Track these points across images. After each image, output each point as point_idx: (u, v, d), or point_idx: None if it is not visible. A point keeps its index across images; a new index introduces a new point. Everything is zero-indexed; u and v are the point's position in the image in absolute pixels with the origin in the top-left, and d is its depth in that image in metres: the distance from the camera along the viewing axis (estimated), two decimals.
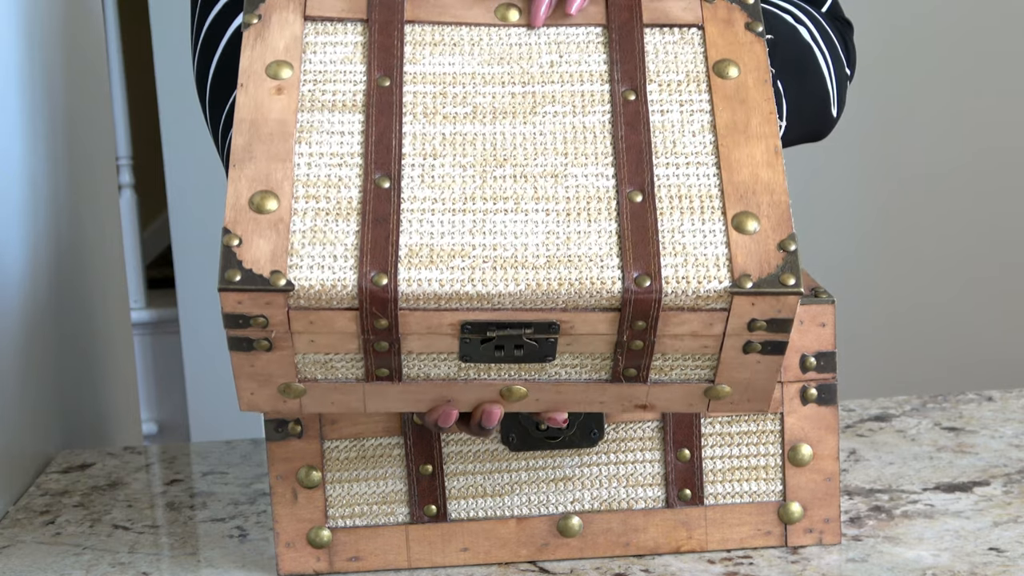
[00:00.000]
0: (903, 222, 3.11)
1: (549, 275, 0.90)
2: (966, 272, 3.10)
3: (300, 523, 1.08)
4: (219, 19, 1.24)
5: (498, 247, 0.90)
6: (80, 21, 1.75)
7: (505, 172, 0.93)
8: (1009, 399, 1.42)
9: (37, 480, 1.35)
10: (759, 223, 0.91)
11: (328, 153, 0.94)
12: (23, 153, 1.46)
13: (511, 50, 0.99)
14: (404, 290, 0.89)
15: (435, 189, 0.92)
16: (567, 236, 0.91)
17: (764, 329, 0.90)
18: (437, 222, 0.91)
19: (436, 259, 0.90)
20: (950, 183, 3.08)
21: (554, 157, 0.94)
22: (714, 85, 0.97)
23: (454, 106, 0.96)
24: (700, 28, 1.00)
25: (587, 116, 0.96)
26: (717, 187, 0.93)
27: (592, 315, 0.90)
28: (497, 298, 0.89)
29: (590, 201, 0.92)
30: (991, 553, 1.06)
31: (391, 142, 0.94)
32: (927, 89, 3.06)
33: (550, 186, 0.93)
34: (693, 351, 0.92)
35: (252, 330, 0.90)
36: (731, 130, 0.95)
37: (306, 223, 0.91)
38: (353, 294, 0.89)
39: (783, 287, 0.89)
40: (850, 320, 2.92)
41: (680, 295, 0.89)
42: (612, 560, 1.08)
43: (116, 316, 1.84)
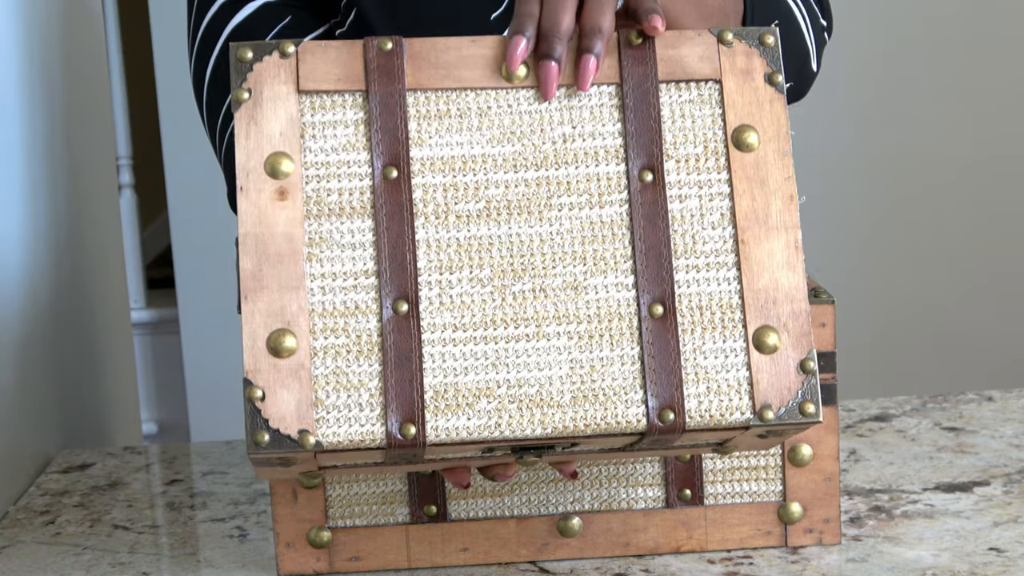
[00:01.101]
0: (903, 222, 3.11)
1: (575, 415, 0.90)
2: (966, 272, 3.10)
3: (300, 523, 1.08)
4: (216, 20, 1.24)
5: (523, 383, 0.90)
6: (80, 21, 1.75)
7: (524, 287, 0.91)
8: (1009, 399, 1.42)
9: (37, 480, 1.35)
10: (779, 339, 0.91)
11: (341, 273, 0.90)
12: (23, 153, 1.46)
13: (521, 120, 0.93)
14: (432, 439, 0.89)
15: (454, 313, 0.90)
16: (591, 365, 0.90)
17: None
18: (459, 355, 0.90)
19: (462, 402, 0.89)
20: (950, 183, 3.08)
21: (572, 265, 0.92)
22: (733, 160, 0.94)
23: (466, 202, 0.92)
24: (718, 83, 0.95)
25: (604, 208, 0.93)
26: (738, 295, 0.92)
27: (615, 439, 0.92)
28: (523, 438, 0.90)
29: (611, 320, 0.91)
30: (991, 553, 1.06)
31: (405, 256, 0.91)
32: (928, 89, 3.06)
33: (570, 302, 0.91)
34: (706, 441, 0.95)
35: (278, 465, 0.91)
36: (751, 220, 0.93)
37: (327, 365, 0.89)
38: (381, 444, 0.89)
39: (803, 417, 0.90)
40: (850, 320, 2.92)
41: (702, 425, 0.91)
42: (612, 560, 1.08)
43: (116, 316, 1.84)
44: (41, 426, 1.43)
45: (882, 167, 3.08)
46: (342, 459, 0.92)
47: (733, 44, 0.95)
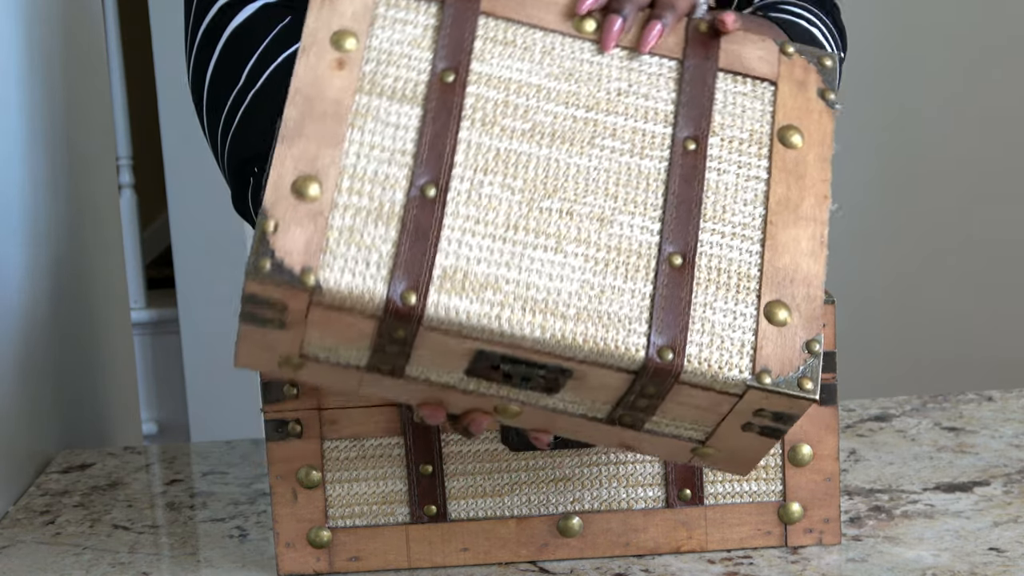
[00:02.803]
0: (903, 222, 3.11)
1: (576, 329, 0.89)
2: (966, 272, 3.10)
3: (300, 523, 1.08)
4: (215, 22, 1.24)
5: (531, 287, 0.89)
6: (80, 21, 1.75)
7: (552, 205, 0.92)
8: (1009, 399, 1.42)
9: (37, 480, 1.35)
10: (790, 316, 0.91)
11: (379, 146, 0.91)
12: (23, 153, 1.46)
13: (581, 67, 0.95)
14: (431, 313, 0.88)
15: (480, 209, 0.91)
16: (601, 289, 0.90)
17: (769, 419, 0.91)
18: (476, 246, 0.89)
19: (468, 287, 0.88)
20: (950, 183, 3.08)
21: (603, 199, 0.92)
22: (775, 152, 0.95)
23: (514, 119, 0.93)
24: (773, 84, 0.97)
25: (644, 159, 0.94)
26: (757, 267, 0.92)
27: (608, 372, 0.90)
28: (519, 340, 0.89)
29: (630, 256, 0.91)
30: (991, 553, 1.06)
31: (444, 147, 0.92)
32: (927, 89, 3.06)
33: (594, 230, 0.91)
34: (693, 419, 0.93)
35: (268, 311, 0.89)
36: (783, 207, 0.94)
37: (345, 220, 0.89)
38: (379, 306, 0.87)
39: (800, 391, 0.89)
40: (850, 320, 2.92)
41: (698, 375, 0.89)
42: (612, 560, 1.08)
43: (116, 316, 1.84)
44: (41, 426, 1.43)
45: (882, 167, 3.08)
46: (332, 322, 0.88)
47: (793, 56, 0.98)
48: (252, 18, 1.23)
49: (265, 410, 1.07)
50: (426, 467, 1.08)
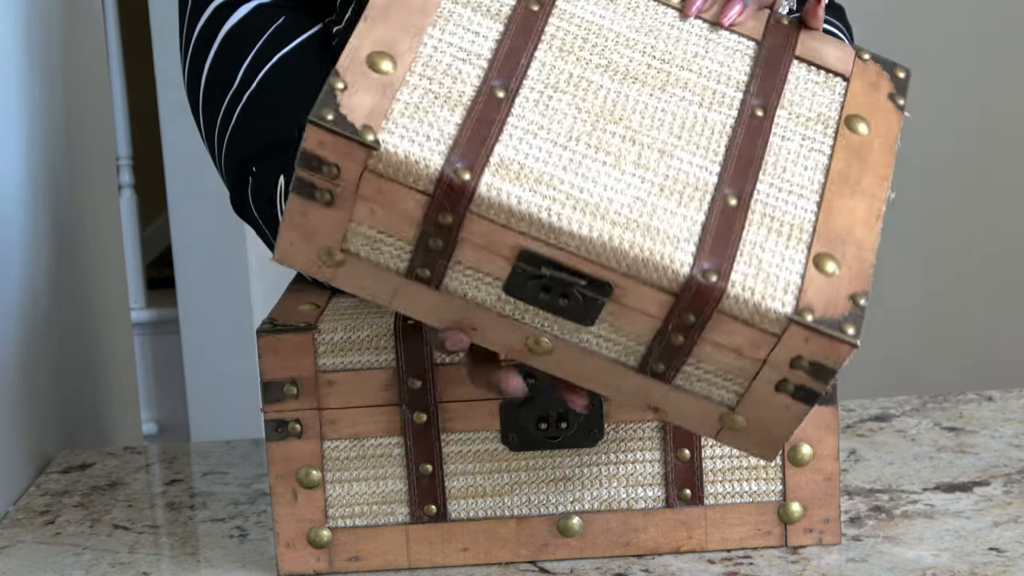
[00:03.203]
0: (903, 221, 3.11)
1: (624, 235, 0.89)
2: (966, 272, 3.10)
3: (300, 523, 1.08)
4: (210, 23, 1.24)
5: (585, 191, 0.90)
6: (80, 21, 1.75)
7: (617, 130, 0.93)
8: (1009, 399, 1.42)
9: (37, 480, 1.35)
10: (839, 268, 0.90)
11: (457, 46, 0.93)
12: (23, 153, 1.46)
13: (661, 27, 0.99)
14: (482, 192, 0.88)
15: (546, 118, 0.92)
16: (654, 208, 0.90)
17: (805, 371, 0.90)
18: (536, 147, 0.91)
19: (523, 178, 0.89)
20: (950, 182, 3.08)
21: (667, 135, 0.94)
22: (841, 133, 0.97)
23: (591, 53, 0.96)
24: (846, 80, 1.00)
25: (711, 112, 0.96)
26: (811, 223, 0.92)
27: (648, 291, 0.89)
28: (566, 237, 0.88)
29: (686, 187, 0.92)
30: (991, 553, 1.06)
31: (519, 60, 0.94)
32: (926, 88, 3.06)
33: (654, 159, 0.92)
34: (728, 369, 0.92)
35: (321, 177, 0.89)
36: (843, 179, 0.95)
37: (413, 98, 0.90)
38: (432, 177, 0.88)
39: (841, 334, 0.88)
40: None
41: (740, 302, 0.88)
42: (612, 560, 1.08)
43: (116, 316, 1.84)
44: (41, 426, 1.43)
45: None
46: (383, 195, 0.89)
47: (868, 62, 1.02)
48: (247, 19, 1.23)
49: (265, 410, 1.07)
50: (426, 467, 1.08)
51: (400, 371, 1.07)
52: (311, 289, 1.19)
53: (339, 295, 1.17)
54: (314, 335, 1.07)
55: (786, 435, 0.94)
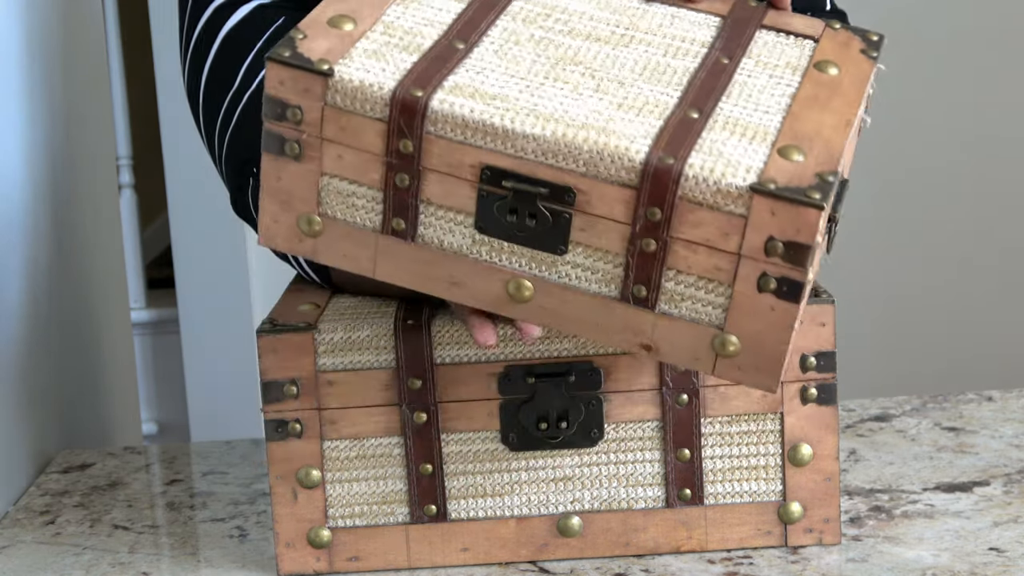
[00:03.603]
0: (903, 221, 3.11)
1: (579, 133, 0.90)
2: (966, 272, 3.10)
3: (300, 523, 1.08)
4: (210, 23, 1.24)
5: (540, 105, 0.91)
6: (80, 21, 1.75)
7: (576, 69, 0.95)
8: (1009, 399, 1.42)
9: (37, 480, 1.35)
10: (805, 157, 0.90)
11: (420, 16, 0.97)
12: (23, 153, 1.46)
13: (627, 8, 1.01)
14: (435, 106, 0.90)
15: (504, 61, 0.94)
16: (611, 116, 0.91)
17: (781, 256, 0.88)
18: (493, 77, 0.93)
19: (478, 96, 0.91)
20: (950, 182, 3.08)
21: (628, 73, 0.95)
22: (810, 74, 0.98)
23: (554, 22, 0.98)
24: (816, 40, 1.01)
25: (675, 60, 0.97)
26: (776, 129, 0.92)
27: (609, 189, 0.89)
28: (522, 140, 0.89)
29: (645, 105, 0.93)
30: (991, 553, 1.06)
31: (481, 25, 0.97)
32: (925, 87, 3.06)
33: (614, 88, 0.94)
34: (706, 272, 0.90)
35: (286, 126, 0.92)
36: (811, 101, 0.95)
37: (371, 46, 0.94)
38: (386, 99, 0.90)
39: (807, 198, 0.87)
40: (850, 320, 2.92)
41: (700, 183, 0.88)
42: (612, 560, 1.08)
43: (116, 316, 1.84)
44: (41, 426, 1.43)
45: (882, 166, 3.08)
46: (345, 132, 0.92)
47: (839, 29, 1.03)
48: (247, 19, 1.23)
49: (265, 410, 1.07)
50: (426, 467, 1.08)
51: (400, 371, 1.07)
52: (311, 289, 1.19)
53: (339, 295, 1.17)
54: (314, 335, 1.07)
55: (781, 351, 0.91)
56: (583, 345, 1.06)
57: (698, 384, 1.07)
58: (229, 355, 2.93)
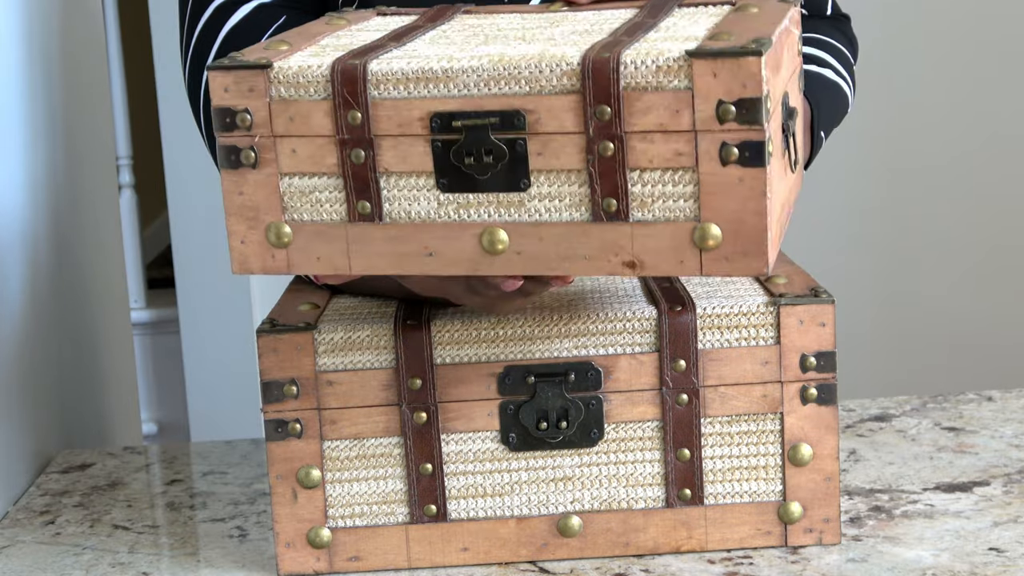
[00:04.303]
0: (903, 221, 3.11)
1: (515, 53, 0.93)
2: (966, 271, 3.10)
3: (300, 523, 1.08)
4: (211, 23, 1.24)
5: (475, 51, 0.94)
6: (80, 21, 1.75)
7: (510, 36, 0.99)
8: (1009, 399, 1.42)
9: (37, 480, 1.35)
10: (735, 37, 0.92)
11: (350, 39, 1.01)
12: (23, 153, 1.46)
13: (555, 15, 1.07)
14: (374, 68, 0.93)
15: (436, 46, 0.97)
16: (543, 47, 0.94)
17: (735, 120, 0.89)
18: (427, 50, 0.96)
19: (411, 58, 0.94)
20: (950, 182, 3.08)
21: (560, 33, 0.99)
22: (731, 14, 1.00)
23: (482, 27, 1.03)
24: (733, 5, 1.05)
25: (602, 26, 1.00)
26: (707, 30, 0.95)
27: (555, 100, 0.91)
28: (462, 76, 0.92)
29: (577, 43, 0.95)
30: (991, 553, 1.06)
31: (412, 32, 1.01)
32: (925, 86, 3.06)
33: (544, 41, 0.97)
34: (668, 162, 0.91)
35: (238, 134, 0.94)
36: (734, 21, 0.97)
37: (306, 52, 0.97)
38: (326, 75, 0.93)
39: (744, 50, 0.88)
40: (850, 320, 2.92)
41: (640, 67, 0.90)
42: (612, 560, 1.08)
43: (116, 316, 1.84)
44: (41, 426, 1.43)
45: (882, 166, 3.08)
46: (295, 122, 0.94)
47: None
48: (248, 18, 1.23)
49: (265, 410, 1.07)
50: (426, 467, 1.08)
51: (400, 371, 1.07)
52: (311, 289, 1.19)
53: (339, 295, 1.17)
54: (314, 335, 1.07)
55: (761, 224, 0.90)
56: (583, 345, 1.07)
57: (698, 384, 1.07)
58: (229, 355, 2.93)
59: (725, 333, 1.06)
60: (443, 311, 1.08)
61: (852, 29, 1.35)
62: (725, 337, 1.06)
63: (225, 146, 0.95)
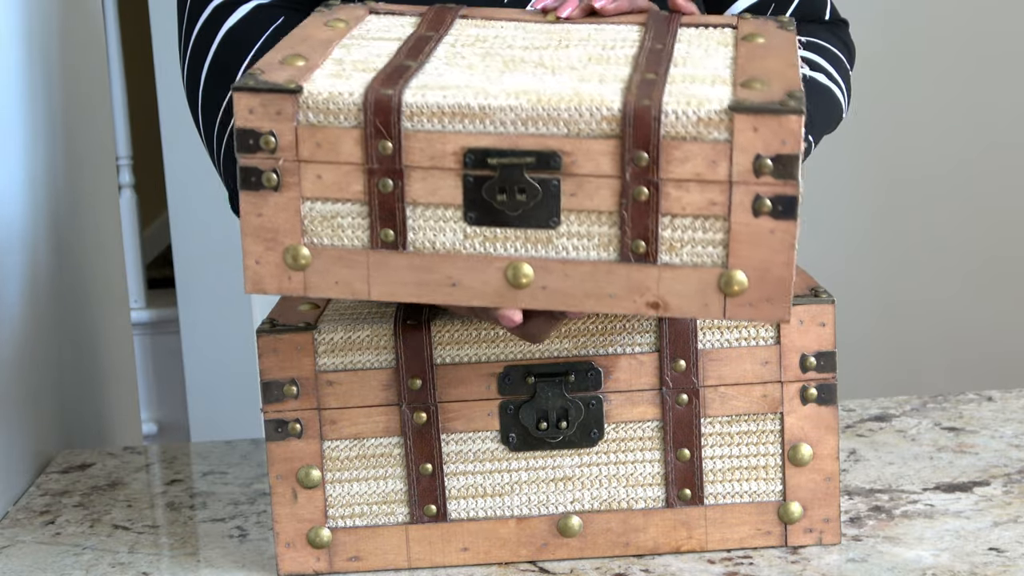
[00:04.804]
0: (903, 221, 3.11)
1: (554, 93, 0.91)
2: (966, 271, 3.10)
3: (300, 523, 1.08)
4: (209, 23, 1.24)
5: (508, 84, 0.93)
6: (80, 21, 1.75)
7: (528, 65, 0.97)
8: (1009, 399, 1.42)
9: (37, 480, 1.35)
10: (767, 86, 0.92)
11: (365, 52, 0.99)
12: (23, 153, 1.46)
13: (552, 28, 1.05)
14: (408, 100, 0.91)
15: (457, 68, 0.96)
16: (577, 85, 0.93)
17: (771, 174, 0.90)
18: (454, 76, 0.94)
19: (445, 87, 0.92)
20: (950, 182, 3.08)
21: (577, 61, 0.98)
22: (740, 44, 1.00)
23: (491, 43, 1.01)
24: (734, 28, 1.05)
25: (614, 51, 0.99)
26: (731, 74, 0.95)
27: (593, 144, 0.91)
28: (499, 113, 0.91)
29: (604, 77, 0.94)
30: (991, 553, 1.06)
31: (425, 47, 0.99)
32: (925, 87, 3.06)
33: (569, 71, 0.96)
34: (701, 210, 0.91)
35: (261, 155, 0.92)
36: (751, 57, 0.98)
37: (329, 72, 0.95)
38: (358, 103, 0.91)
39: (785, 107, 0.89)
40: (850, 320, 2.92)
41: (681, 117, 0.90)
42: (612, 560, 1.08)
43: (116, 316, 1.84)
44: (41, 426, 1.43)
45: (882, 167, 3.08)
46: (321, 148, 0.93)
47: (750, 18, 1.07)
48: (246, 18, 1.23)
49: (265, 410, 1.07)
50: (426, 467, 1.08)
51: (400, 371, 1.07)
52: None
53: None
54: (314, 335, 1.07)
55: (787, 274, 0.92)
56: (583, 345, 1.07)
57: (698, 384, 1.07)
58: (229, 355, 2.93)
59: (725, 333, 1.06)
60: (443, 311, 1.08)
61: (850, 35, 1.35)
62: (725, 337, 1.06)
63: (246, 167, 0.93)
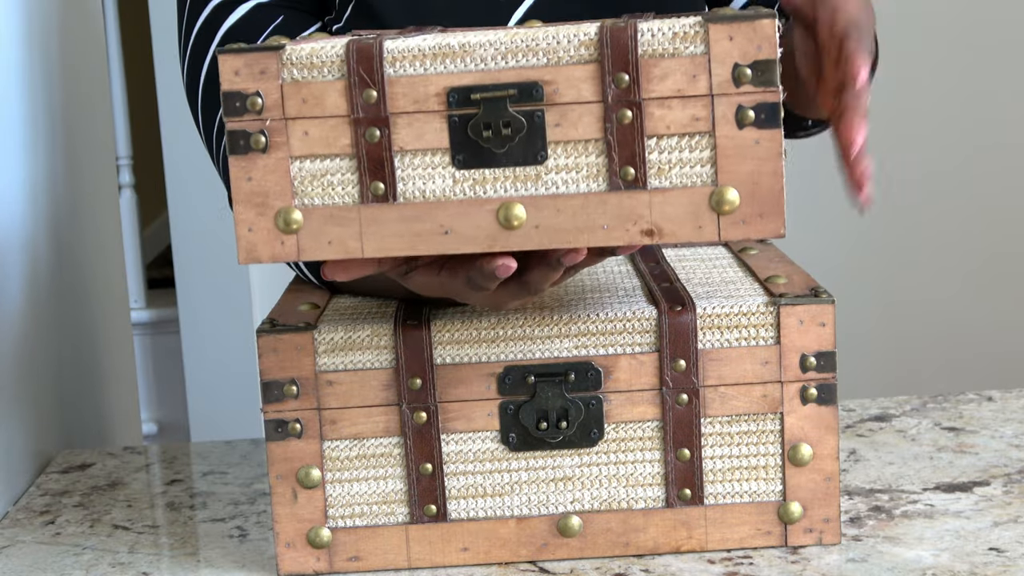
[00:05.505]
0: (903, 221, 3.11)
1: (529, 30, 0.93)
2: (966, 271, 3.10)
3: (300, 523, 1.08)
4: (209, 22, 1.24)
5: (490, 32, 0.94)
6: (80, 21, 1.75)
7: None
8: (1009, 399, 1.42)
9: (37, 480, 1.35)
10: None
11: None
12: (23, 153, 1.46)
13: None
14: (389, 45, 0.92)
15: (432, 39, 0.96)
16: (556, 27, 0.94)
17: (751, 82, 0.90)
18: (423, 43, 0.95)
19: (426, 37, 0.93)
20: (950, 182, 3.08)
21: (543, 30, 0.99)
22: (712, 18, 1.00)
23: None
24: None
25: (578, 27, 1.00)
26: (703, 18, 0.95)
27: (573, 70, 0.92)
28: (479, 50, 0.92)
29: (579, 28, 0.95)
30: (991, 553, 1.06)
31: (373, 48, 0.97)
32: (925, 86, 3.07)
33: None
34: (686, 127, 0.92)
35: (248, 118, 0.93)
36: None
37: (306, 44, 0.96)
38: (341, 55, 0.92)
39: (756, 14, 0.90)
40: (850, 320, 2.92)
41: (657, 35, 0.91)
42: (612, 560, 1.08)
43: (116, 316, 1.84)
44: (41, 426, 1.43)
45: (881, 166, 3.08)
46: (307, 104, 0.93)
47: None
48: (246, 18, 1.23)
49: (265, 410, 1.07)
50: (426, 467, 1.08)
51: (400, 371, 1.07)
52: (311, 289, 1.19)
53: (339, 295, 1.17)
54: (314, 335, 1.07)
55: (778, 185, 0.92)
56: (583, 345, 1.06)
57: (698, 384, 1.07)
58: (229, 355, 2.93)
59: (725, 333, 1.06)
60: (443, 311, 1.08)
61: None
62: (725, 337, 1.06)
63: (234, 131, 0.94)
